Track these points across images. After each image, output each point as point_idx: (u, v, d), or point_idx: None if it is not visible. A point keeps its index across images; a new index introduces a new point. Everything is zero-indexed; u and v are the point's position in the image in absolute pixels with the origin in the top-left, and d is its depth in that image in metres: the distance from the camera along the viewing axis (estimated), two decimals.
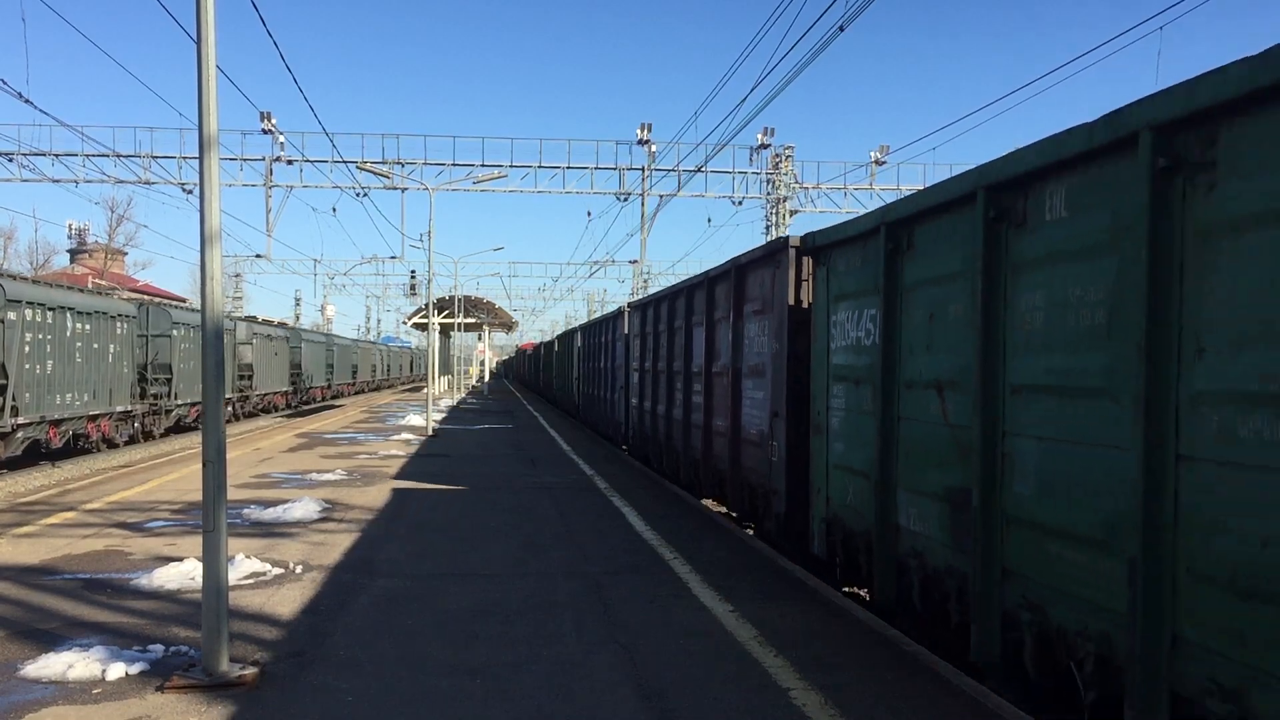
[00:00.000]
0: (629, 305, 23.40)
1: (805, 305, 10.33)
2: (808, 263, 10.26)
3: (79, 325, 23.92)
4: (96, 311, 25.28)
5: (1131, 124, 4.84)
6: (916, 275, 7.41)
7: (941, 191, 7.02)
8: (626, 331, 22.81)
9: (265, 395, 43.10)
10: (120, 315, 27.01)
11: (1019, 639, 5.95)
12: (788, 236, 11.02)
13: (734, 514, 13.15)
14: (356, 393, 69.79)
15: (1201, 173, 4.50)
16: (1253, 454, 4.15)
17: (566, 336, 43.22)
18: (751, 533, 12.07)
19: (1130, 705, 4.80)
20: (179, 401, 31.09)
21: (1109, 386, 5.11)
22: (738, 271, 12.68)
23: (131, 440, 28.12)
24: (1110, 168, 5.12)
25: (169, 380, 30.23)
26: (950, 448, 6.80)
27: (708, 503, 14.43)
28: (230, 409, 36.51)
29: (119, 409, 26.72)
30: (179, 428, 32.18)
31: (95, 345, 24.98)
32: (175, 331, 30.46)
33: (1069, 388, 5.48)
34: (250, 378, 40.23)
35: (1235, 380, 4.27)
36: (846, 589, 9.43)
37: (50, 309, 22.37)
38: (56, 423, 22.89)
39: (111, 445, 26.68)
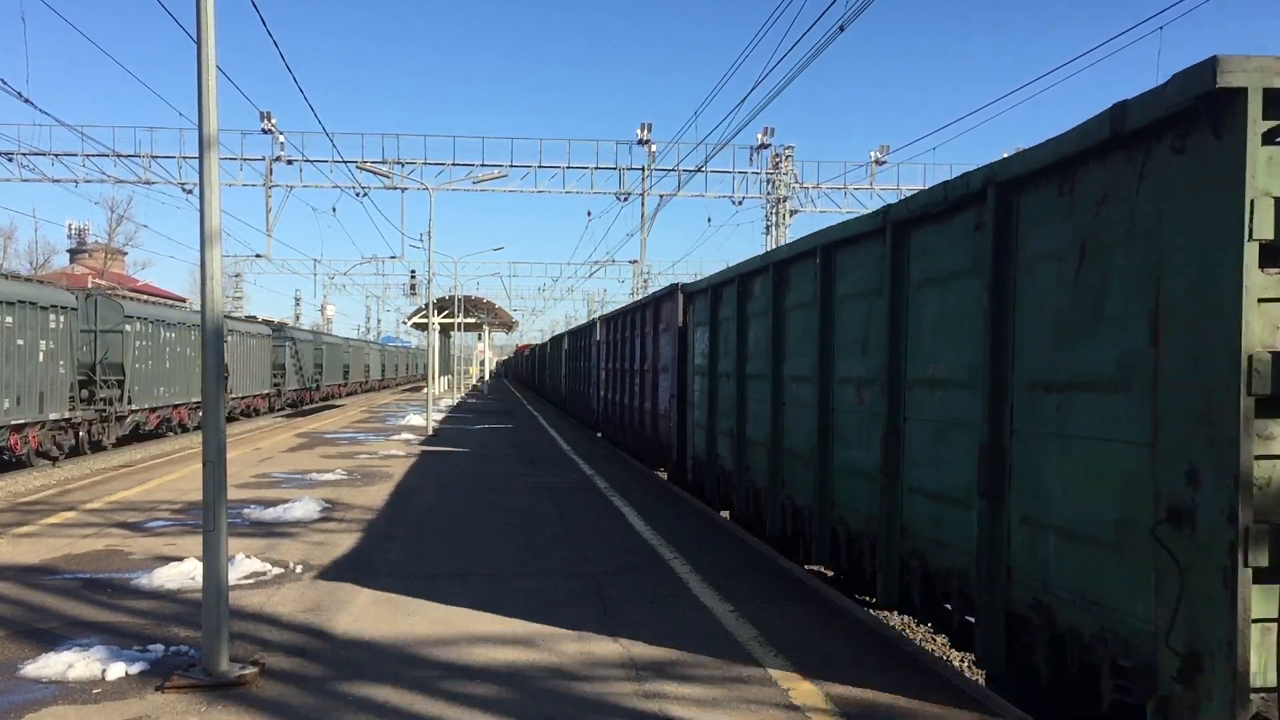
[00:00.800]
0: (599, 318, 28.75)
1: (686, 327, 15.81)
2: (684, 300, 16.03)
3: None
4: (21, 301, 21.27)
5: (880, 220, 7.86)
6: (726, 315, 12.98)
7: (740, 268, 12.33)
8: (598, 339, 27.40)
9: (244, 398, 38.62)
10: (55, 306, 22.88)
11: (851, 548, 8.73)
12: (679, 284, 16.72)
13: (658, 468, 18.47)
14: (349, 394, 66.13)
15: (914, 256, 7.44)
16: (1050, 425, 5.67)
17: (557, 340, 48.03)
18: (664, 476, 17.64)
19: (979, 624, 6.25)
20: (134, 406, 27.08)
21: (811, 375, 9.53)
22: (656, 302, 18.71)
23: (75, 452, 24.15)
24: (876, 244, 8.07)
25: (121, 382, 26.30)
26: (731, 405, 12.52)
27: (659, 473, 18.22)
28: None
29: (53, 416, 22.77)
30: (137, 435, 28.66)
31: (20, 341, 21.13)
32: (129, 326, 26.64)
33: (801, 376, 9.87)
34: (225, 378, 36.83)
35: (1034, 371, 5.84)
36: (737, 521, 13.38)
37: None
38: None
39: (47, 458, 23.14)
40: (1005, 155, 7.42)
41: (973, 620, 6.37)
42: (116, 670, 6.13)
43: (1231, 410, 4.19)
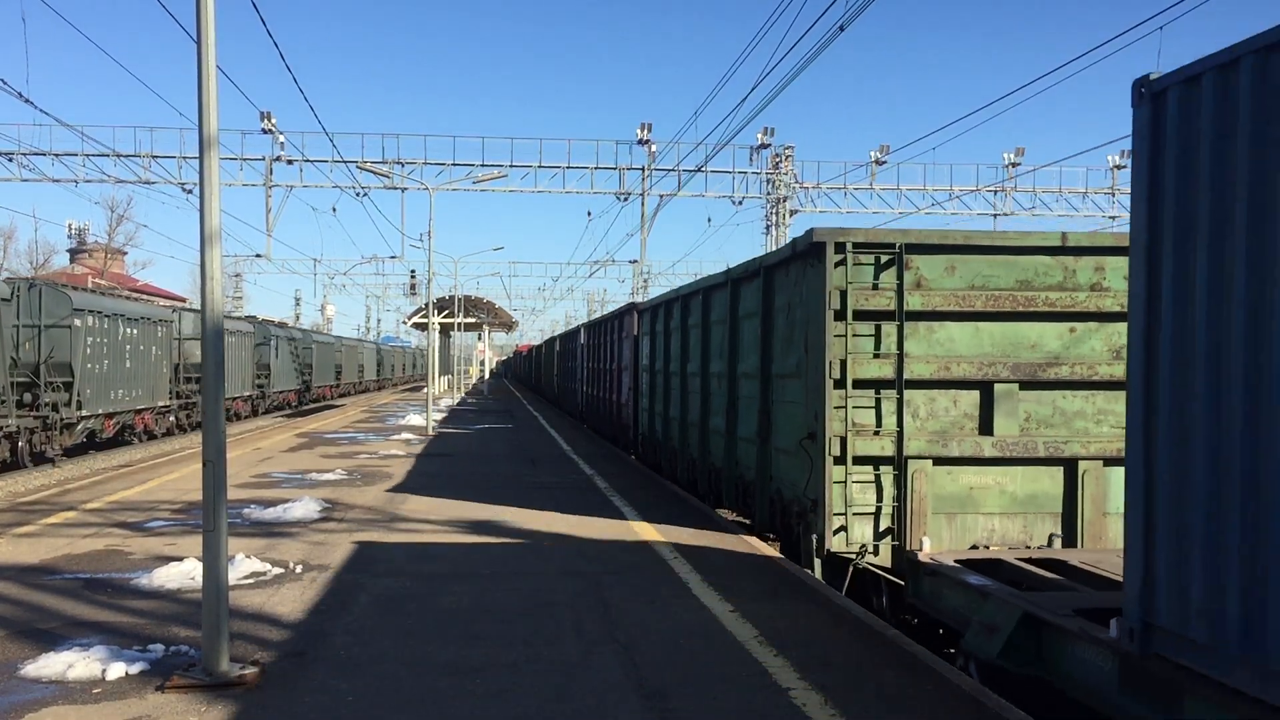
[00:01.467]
0: (584, 325, 33.68)
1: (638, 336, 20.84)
2: (636, 316, 21.47)
3: None
4: None
5: (725, 277, 13.21)
6: (659, 329, 18.11)
7: (664, 296, 17.67)
8: (582, 342, 32.62)
9: (122, 414, 29.48)
10: None
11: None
12: (633, 303, 22.97)
13: (627, 449, 22.43)
14: (342, 395, 62.90)
15: (741, 299, 12.55)
16: (780, 399, 11.03)
17: (550, 342, 53.13)
18: (634, 457, 21.26)
19: (758, 503, 11.77)
20: (85, 412, 23.44)
21: (697, 372, 14.77)
22: (620, 316, 24.71)
23: (12, 466, 20.84)
24: (725, 291, 13.26)
25: (69, 384, 22.76)
26: (661, 393, 17.76)
27: (635, 459, 20.51)
28: (173, 418, 30.85)
29: None
30: (94, 443, 25.58)
31: None
32: (79, 321, 22.99)
33: (693, 373, 15.18)
34: (199, 380, 31.33)
35: (779, 367, 11.08)
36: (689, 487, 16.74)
37: None
38: None
39: None
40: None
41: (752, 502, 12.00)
42: (116, 670, 6.13)
43: (824, 387, 9.27)
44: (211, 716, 5.50)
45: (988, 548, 9.05)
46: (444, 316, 60.64)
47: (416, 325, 65.01)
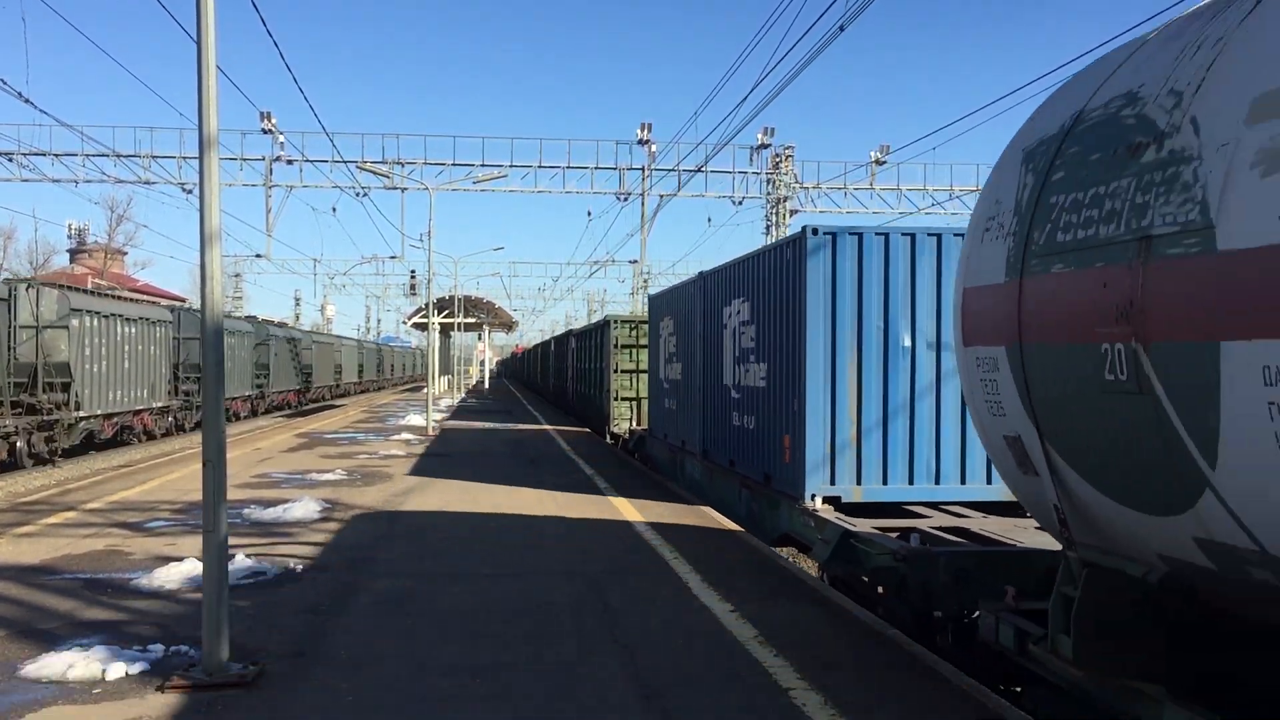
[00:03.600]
0: (572, 332, 40.56)
1: (626, 348, 26.95)
2: (612, 327, 27.28)
3: None
4: None
5: (596, 326, 31.02)
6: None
7: (629, 318, 28.95)
8: (572, 346, 37.73)
9: (121, 415, 26.83)
10: None
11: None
12: (608, 317, 29.20)
13: (607, 438, 27.31)
14: (342, 395, 60.75)
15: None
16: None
17: (545, 344, 57.45)
18: (612, 442, 26.30)
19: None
20: (83, 413, 23.54)
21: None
22: (602, 327, 28.95)
23: (9, 466, 20.82)
24: (595, 332, 29.62)
25: (67, 385, 22.91)
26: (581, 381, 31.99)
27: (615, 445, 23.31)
28: (172, 418, 30.42)
29: None
30: (93, 444, 25.59)
31: None
32: (76, 321, 23.04)
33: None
34: (198, 380, 30.14)
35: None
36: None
37: None
38: None
39: None
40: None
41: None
42: (116, 670, 6.13)
43: (609, 373, 26.31)
44: (212, 716, 5.50)
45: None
46: (444, 316, 60.67)
47: (416, 325, 65.07)
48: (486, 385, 71.81)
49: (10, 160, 35.75)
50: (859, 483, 10.20)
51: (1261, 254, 3.51)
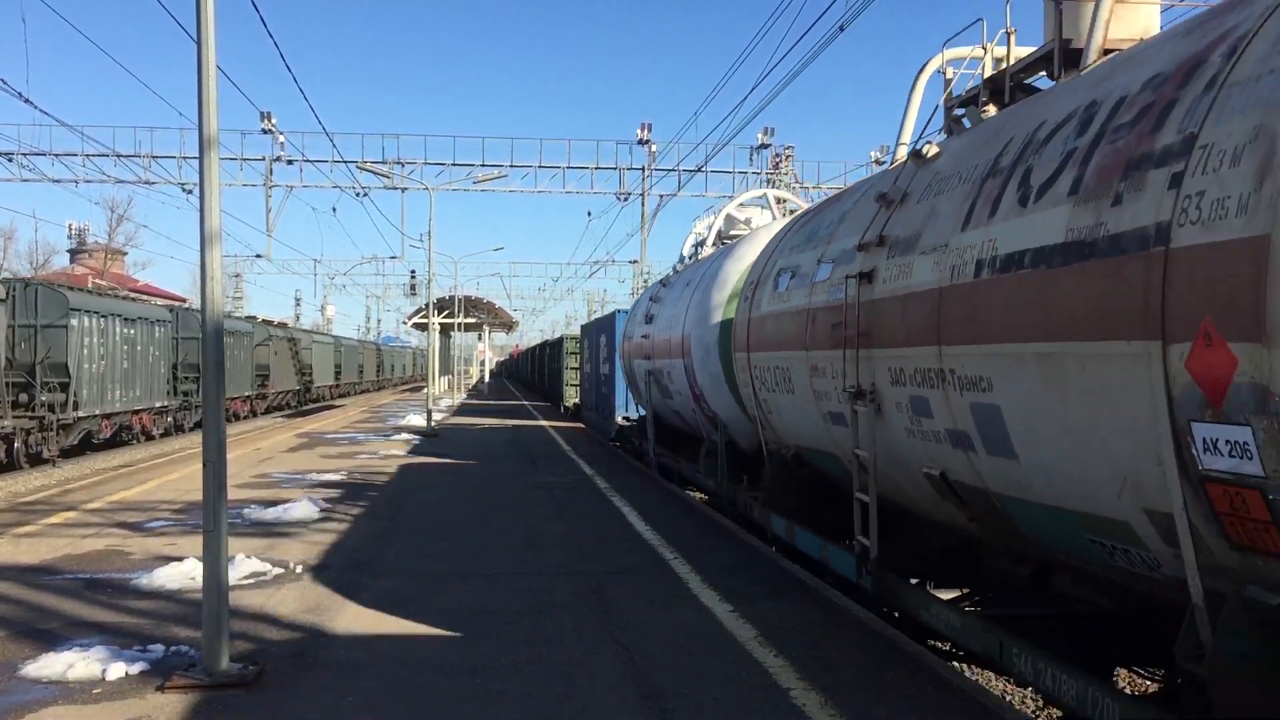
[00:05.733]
0: (566, 336, 44.51)
1: (570, 354, 39.36)
2: (566, 342, 40.87)
3: None
4: None
5: (582, 332, 37.45)
6: (569, 351, 39.90)
7: (585, 326, 39.21)
8: (548, 352, 46.94)
9: (120, 415, 26.34)
10: None
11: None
12: (562, 337, 44.23)
13: (561, 409, 39.76)
14: (343, 396, 59.32)
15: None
16: (591, 381, 31.28)
17: (541, 346, 61.69)
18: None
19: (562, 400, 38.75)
20: (82, 413, 23.24)
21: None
22: (560, 341, 41.74)
23: (6, 466, 20.46)
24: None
25: (65, 385, 22.56)
26: (586, 382, 36.00)
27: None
28: (171, 418, 29.73)
29: None
30: (91, 444, 25.24)
31: None
32: (75, 320, 22.72)
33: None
34: (198, 380, 28.86)
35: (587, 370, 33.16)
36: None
37: None
38: None
39: None
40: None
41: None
42: (117, 670, 6.13)
43: (563, 371, 39.86)
44: (212, 716, 5.50)
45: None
46: (444, 317, 60.68)
47: (416, 325, 65.05)
48: (486, 385, 71.80)
49: (10, 160, 35.79)
50: (625, 411, 23.73)
51: None
